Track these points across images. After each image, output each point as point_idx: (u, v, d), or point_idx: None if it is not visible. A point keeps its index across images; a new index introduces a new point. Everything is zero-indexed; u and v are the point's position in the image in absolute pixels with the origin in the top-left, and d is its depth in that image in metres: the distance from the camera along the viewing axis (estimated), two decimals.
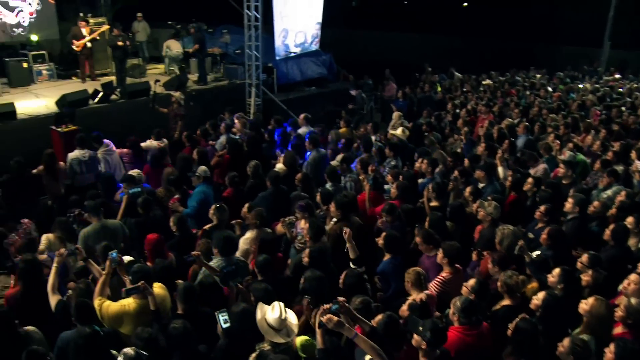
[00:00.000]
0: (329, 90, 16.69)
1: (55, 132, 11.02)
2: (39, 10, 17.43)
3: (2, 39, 16.62)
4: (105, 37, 15.45)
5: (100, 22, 16.31)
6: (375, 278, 6.03)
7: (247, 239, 6.42)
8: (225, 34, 16.30)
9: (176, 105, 12.26)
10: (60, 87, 14.94)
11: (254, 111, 14.37)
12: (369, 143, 9.35)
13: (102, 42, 15.76)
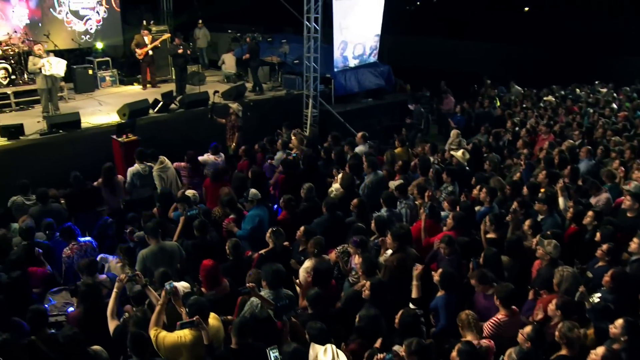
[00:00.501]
0: (386, 103, 16.56)
1: (116, 142, 11.34)
2: (105, 18, 18.00)
3: (70, 45, 17.19)
4: (166, 45, 15.75)
5: (162, 30, 16.69)
6: (430, 314, 5.97)
7: (306, 267, 6.41)
8: (284, 44, 16.38)
9: (234, 117, 12.41)
10: (122, 94, 15.38)
11: (311, 122, 14.40)
12: (427, 165, 9.22)
13: (164, 50, 16.10)
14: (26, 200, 8.45)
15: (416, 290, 5.86)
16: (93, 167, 11.29)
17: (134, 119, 11.85)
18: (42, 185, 10.61)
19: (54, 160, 11.31)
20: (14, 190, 10.42)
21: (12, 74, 13.88)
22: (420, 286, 5.94)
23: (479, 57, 26.41)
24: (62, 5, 17.09)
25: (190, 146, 12.37)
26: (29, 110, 13.73)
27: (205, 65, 19.02)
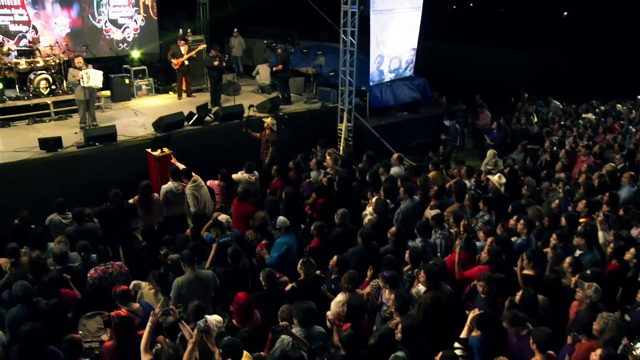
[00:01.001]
0: (421, 116, 16.36)
1: (151, 156, 11.43)
2: (143, 26, 18.27)
3: (108, 53, 17.43)
4: (202, 56, 15.83)
5: (199, 40, 16.79)
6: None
7: (339, 302, 6.34)
8: (320, 56, 16.33)
9: (268, 131, 12.39)
10: (157, 103, 15.51)
11: (345, 136, 14.31)
12: (463, 191, 9.06)
13: (199, 59, 16.18)
14: (63, 219, 8.56)
15: (466, 332, 5.76)
16: (128, 180, 11.46)
17: (169, 133, 11.91)
18: (78, 198, 10.94)
19: (90, 173, 11.45)
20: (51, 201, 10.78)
21: (53, 84, 14.06)
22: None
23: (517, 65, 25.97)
24: (101, 14, 17.38)
25: (225, 159, 12.53)
26: (67, 120, 13.94)
27: (240, 74, 19.12)
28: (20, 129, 13.26)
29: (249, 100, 15.52)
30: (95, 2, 17.24)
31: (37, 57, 14.08)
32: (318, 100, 15.57)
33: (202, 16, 20.15)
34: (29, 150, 11.45)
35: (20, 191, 10.69)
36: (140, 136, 12.40)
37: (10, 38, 15.91)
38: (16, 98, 13.85)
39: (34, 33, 16.27)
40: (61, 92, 14.22)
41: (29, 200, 10.50)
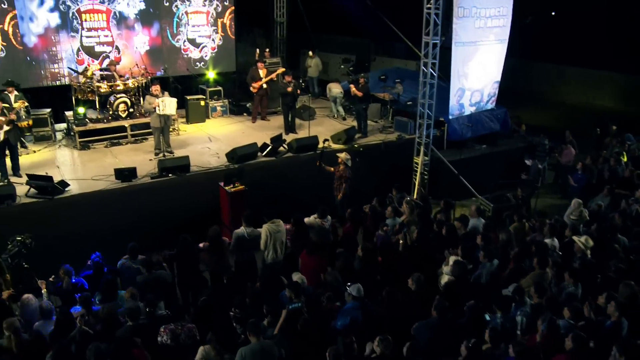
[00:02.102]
0: (501, 150, 15.57)
1: (224, 190, 11.28)
2: (220, 45, 18.27)
3: (184, 72, 17.56)
4: (278, 81, 15.65)
5: (275, 62, 16.62)
6: None
7: None
8: (398, 84, 15.88)
9: (342, 167, 12.06)
10: (231, 127, 15.46)
11: (421, 170, 13.77)
12: (545, 257, 8.34)
13: (276, 82, 16.01)
14: (133, 264, 8.46)
15: None
16: (200, 212, 11.54)
17: (242, 167, 11.74)
18: (150, 230, 11.01)
19: (163, 204, 11.48)
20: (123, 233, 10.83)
21: (131, 107, 14.20)
22: None
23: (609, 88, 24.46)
24: (180, 33, 17.50)
25: (298, 193, 12.38)
26: (143, 144, 14.08)
27: (315, 94, 18.86)
28: (98, 152, 13.46)
29: (324, 127, 15.35)
30: (175, 21, 17.40)
31: (117, 81, 14.21)
32: (394, 130, 15.08)
33: (278, 34, 20.02)
34: (105, 178, 11.54)
35: (95, 221, 10.81)
36: (214, 167, 12.29)
37: (94, 58, 16.30)
38: (96, 120, 14.06)
39: (116, 53, 16.60)
40: (138, 115, 14.33)
41: (103, 232, 10.70)
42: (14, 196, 10.46)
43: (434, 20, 12.88)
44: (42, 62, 15.79)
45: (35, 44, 15.55)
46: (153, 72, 16.21)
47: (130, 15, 16.60)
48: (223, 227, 11.57)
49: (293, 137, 14.25)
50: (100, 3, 16.03)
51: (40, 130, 14.15)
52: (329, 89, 17.08)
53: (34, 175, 10.85)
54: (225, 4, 18.11)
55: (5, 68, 15.20)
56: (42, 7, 15.40)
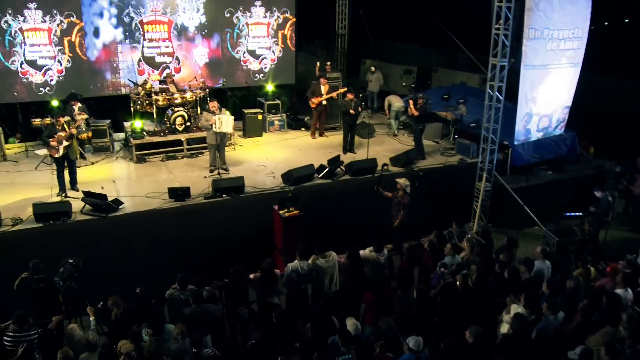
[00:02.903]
0: (568, 177, 14.69)
1: (278, 214, 10.99)
2: (280, 57, 18.05)
3: (243, 84, 17.45)
4: (339, 99, 15.29)
5: (336, 77, 16.23)
6: None
7: None
8: (461, 105, 15.27)
9: (401, 193, 11.60)
10: (288, 143, 15.18)
11: (482, 197, 13.16)
12: (616, 313, 7.64)
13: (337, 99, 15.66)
14: (182, 295, 8.23)
15: None
16: (253, 235, 11.33)
17: (298, 193, 11.43)
18: (201, 252, 10.82)
19: (215, 225, 11.27)
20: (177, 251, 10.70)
21: (188, 120, 14.10)
22: None
23: None
24: (240, 44, 17.37)
25: (354, 219, 12.05)
26: (198, 158, 13.96)
27: (374, 110, 18.41)
28: (154, 166, 13.42)
29: (383, 147, 14.92)
30: (235, 32, 17.26)
31: (175, 94, 14.13)
32: (456, 153, 14.48)
33: (339, 47, 19.66)
34: (158, 196, 11.41)
35: (146, 242, 10.71)
36: (269, 188, 12.00)
37: (155, 68, 16.35)
38: (153, 133, 14.02)
39: (176, 63, 16.59)
40: (195, 128, 14.21)
41: (154, 252, 10.60)
42: (69, 213, 10.46)
43: (503, 42, 12.25)
44: (104, 72, 15.99)
45: (98, 56, 15.74)
46: (211, 85, 16.11)
47: (191, 27, 16.57)
48: (275, 252, 11.36)
49: (351, 157, 13.88)
50: (162, 14, 16.04)
51: (99, 141, 14.22)
52: (389, 102, 16.63)
53: (89, 193, 10.81)
54: (286, 16, 17.88)
55: (71, 78, 15.51)
56: (107, 22, 15.62)
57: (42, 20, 14.90)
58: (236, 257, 10.92)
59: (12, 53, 14.89)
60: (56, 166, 11.50)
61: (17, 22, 14.69)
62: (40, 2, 14.75)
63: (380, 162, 13.07)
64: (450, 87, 18.39)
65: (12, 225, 10.20)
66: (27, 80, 15.21)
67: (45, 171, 12.77)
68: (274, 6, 17.57)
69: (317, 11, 19.76)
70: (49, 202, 10.94)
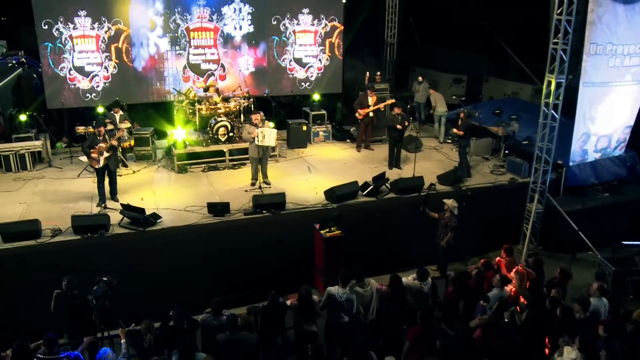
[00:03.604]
0: (626, 201, 13.80)
1: (319, 234, 10.63)
2: (327, 65, 17.73)
3: (288, 93, 17.19)
4: (386, 112, 14.85)
5: (384, 88, 15.78)
6: None
7: None
8: (513, 122, 14.63)
9: (448, 214, 11.09)
10: (333, 156, 14.79)
11: (533, 220, 12.50)
12: None
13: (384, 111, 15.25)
14: (216, 321, 7.92)
15: None
16: (292, 255, 11.02)
17: (340, 214, 11.02)
18: (240, 268, 10.63)
19: (254, 243, 10.94)
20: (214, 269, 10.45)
21: (230, 130, 13.87)
22: None
23: None
24: (286, 52, 17.08)
25: (398, 240, 11.73)
26: (240, 170, 13.72)
27: (421, 121, 17.88)
28: (194, 177, 13.26)
29: (431, 162, 14.47)
30: (282, 40, 16.99)
31: (218, 104, 13.92)
32: (506, 172, 13.83)
33: (388, 56, 19.18)
34: (197, 210, 11.19)
35: (183, 258, 10.48)
36: (310, 205, 11.63)
37: (200, 75, 16.23)
38: (195, 143, 13.85)
39: (221, 71, 16.43)
40: (237, 139, 13.98)
41: (190, 269, 10.41)
42: (108, 226, 10.33)
43: (561, 57, 11.60)
44: (149, 79, 15.96)
45: (144, 63, 15.71)
46: (256, 94, 15.88)
47: (237, 35, 16.38)
48: (315, 271, 11.02)
49: (397, 173, 13.41)
50: (208, 21, 15.89)
51: (142, 149, 14.15)
52: (435, 103, 16.20)
53: (128, 206, 10.65)
54: (334, 24, 17.52)
55: (117, 84, 15.55)
56: (154, 30, 15.55)
57: (90, 28, 14.97)
58: (275, 276, 10.80)
59: (62, 60, 15.02)
60: (97, 176, 11.41)
61: (67, 30, 14.80)
62: (90, 9, 14.84)
63: (427, 179, 12.57)
64: (502, 101, 17.76)
65: (52, 237, 10.12)
66: (74, 86, 15.30)
67: (88, 179, 12.72)
68: (321, 14, 17.23)
69: (366, 19, 19.34)
70: (88, 214, 10.82)
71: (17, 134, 14.07)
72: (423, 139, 16.00)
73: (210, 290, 10.48)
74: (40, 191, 12.31)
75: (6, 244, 9.82)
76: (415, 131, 15.44)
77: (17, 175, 13.21)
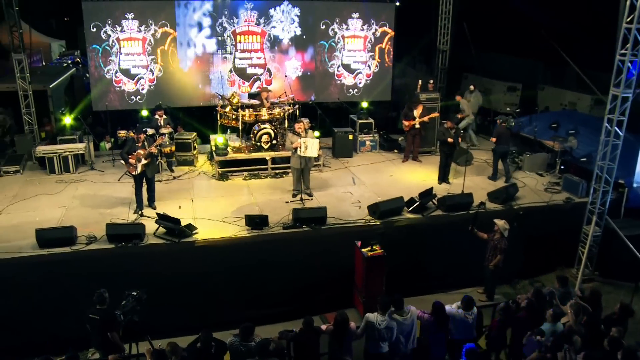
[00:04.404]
0: None
1: (360, 252, 10.12)
2: (376, 72, 17.26)
3: (335, 100, 16.77)
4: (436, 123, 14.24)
5: (434, 97, 15.11)
6: None
7: None
8: (571, 137, 13.78)
9: (498, 236, 10.45)
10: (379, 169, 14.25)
11: (590, 243, 11.68)
12: None
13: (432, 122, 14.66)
14: (243, 347, 7.51)
15: None
16: (331, 274, 10.56)
17: (383, 232, 10.54)
18: (278, 287, 10.33)
19: (293, 258, 10.51)
20: (248, 285, 10.08)
21: (274, 138, 13.48)
22: None
23: None
24: (334, 58, 16.65)
25: (443, 260, 11.16)
26: (283, 179, 13.35)
27: (474, 132, 17.12)
28: (235, 186, 12.99)
29: (482, 177, 13.79)
30: (330, 45, 16.55)
31: (262, 109, 13.55)
32: (562, 190, 13.01)
33: (440, 63, 18.47)
34: (235, 222, 10.85)
35: (217, 272, 10.16)
36: (352, 220, 11.11)
37: (245, 80, 15.95)
38: (237, 150, 13.56)
39: (267, 75, 16.08)
40: (281, 147, 13.59)
41: (223, 285, 10.12)
42: (142, 236, 10.07)
43: (628, 69, 10.76)
44: (194, 83, 15.75)
45: (190, 66, 15.51)
46: (301, 100, 15.47)
47: (285, 39, 16.01)
48: (355, 291, 10.53)
49: (445, 188, 12.77)
50: (255, 25, 15.57)
51: (183, 154, 13.97)
52: (463, 108, 15.84)
53: (163, 215, 10.37)
54: (385, 29, 16.96)
55: (162, 87, 15.44)
56: (201, 33, 15.36)
57: (137, 30, 14.85)
58: (312, 294, 10.45)
59: (109, 62, 14.97)
60: (135, 183, 11.18)
61: (115, 32, 14.75)
62: (137, 12, 14.75)
63: (477, 196, 11.91)
64: (559, 114, 16.84)
65: (86, 244, 9.93)
66: (119, 88, 15.21)
67: (127, 184, 12.51)
68: (372, 19, 16.71)
69: (417, 24, 18.70)
70: (123, 222, 10.60)
71: (62, 135, 14.12)
72: (475, 152, 15.28)
73: (244, 306, 10.19)
74: (80, 195, 12.22)
75: (42, 249, 9.70)
76: (466, 144, 14.74)
77: (60, 178, 13.23)
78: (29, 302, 9.31)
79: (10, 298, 9.26)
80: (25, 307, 9.30)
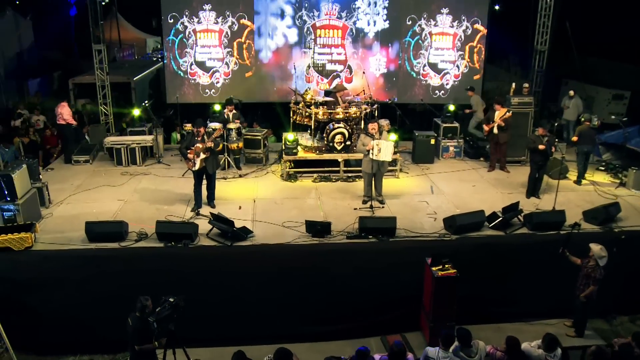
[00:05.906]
0: None
1: (429, 271, 9.00)
2: (465, 73, 16.32)
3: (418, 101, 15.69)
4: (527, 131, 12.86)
5: (527, 102, 13.66)
6: None
7: None
8: None
9: (592, 263, 9.01)
10: (460, 178, 13.00)
11: None
12: None
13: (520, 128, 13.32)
14: None
15: None
16: (397, 287, 9.55)
17: (457, 248, 9.35)
18: (333, 301, 9.41)
19: (355, 271, 9.51)
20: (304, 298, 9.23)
21: (348, 139, 12.55)
22: None
23: None
24: (420, 56, 15.55)
25: (525, 286, 9.83)
26: (355, 183, 12.42)
27: (570, 142, 15.45)
28: (302, 188, 12.20)
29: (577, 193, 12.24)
30: (416, 42, 15.45)
31: (337, 108, 12.64)
32: None
33: (537, 65, 16.87)
34: (296, 227, 10.01)
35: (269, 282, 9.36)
36: (425, 234, 9.99)
37: (324, 77, 15.20)
38: (309, 149, 12.76)
39: (347, 73, 15.22)
40: (355, 149, 12.62)
41: (274, 297, 9.35)
42: (193, 236, 9.42)
43: None
44: (271, 77, 15.19)
45: (269, 59, 14.90)
46: (381, 99, 14.47)
47: (370, 32, 15.05)
48: (422, 312, 9.42)
49: (534, 204, 11.35)
50: (337, 18, 14.73)
51: (252, 152, 13.34)
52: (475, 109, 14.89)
53: (217, 217, 9.68)
54: (477, 27, 15.67)
55: (237, 82, 15.01)
56: (283, 21, 14.75)
57: (214, 22, 14.43)
58: (374, 312, 9.53)
59: (184, 54, 14.64)
60: (194, 179, 10.59)
61: (192, 24, 14.42)
62: (215, 3, 14.36)
63: (570, 215, 10.43)
64: None
65: (136, 241, 9.43)
66: (194, 81, 14.84)
67: (190, 180, 11.82)
68: (463, 15, 15.47)
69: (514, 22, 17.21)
70: (175, 221, 10.00)
71: (132, 127, 13.90)
72: (569, 164, 13.64)
73: (297, 320, 9.37)
74: (142, 189, 11.90)
75: (91, 244, 9.31)
76: (561, 154, 13.17)
77: (126, 170, 13.04)
78: (72, 298, 8.93)
79: (54, 293, 8.91)
80: (68, 303, 8.92)
